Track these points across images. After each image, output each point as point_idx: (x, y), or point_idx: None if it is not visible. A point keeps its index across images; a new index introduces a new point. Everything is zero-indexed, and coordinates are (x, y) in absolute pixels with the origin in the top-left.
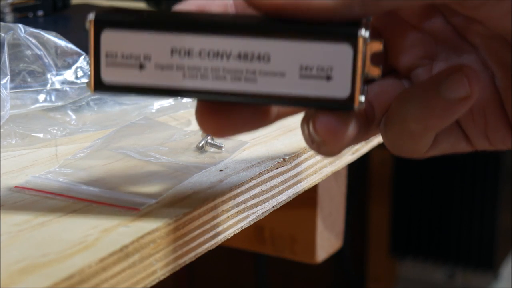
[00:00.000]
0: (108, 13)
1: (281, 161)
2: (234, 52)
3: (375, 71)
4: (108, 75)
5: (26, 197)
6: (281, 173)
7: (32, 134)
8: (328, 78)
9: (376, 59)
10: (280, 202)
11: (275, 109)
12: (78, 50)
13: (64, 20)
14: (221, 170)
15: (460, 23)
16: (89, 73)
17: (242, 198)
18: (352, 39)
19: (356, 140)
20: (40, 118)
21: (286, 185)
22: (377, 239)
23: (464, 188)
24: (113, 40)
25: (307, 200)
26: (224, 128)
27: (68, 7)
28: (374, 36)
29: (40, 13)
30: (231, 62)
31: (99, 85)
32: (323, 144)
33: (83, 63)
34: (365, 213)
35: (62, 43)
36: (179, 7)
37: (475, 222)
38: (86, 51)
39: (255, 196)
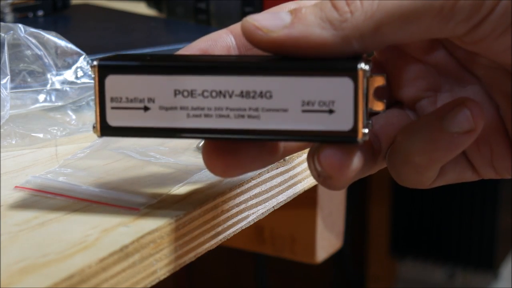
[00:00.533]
0: (112, 59)
1: (281, 161)
2: (236, 90)
3: (379, 106)
4: (114, 119)
5: (26, 197)
6: (281, 173)
7: (32, 134)
8: (331, 111)
9: (379, 93)
10: (280, 202)
11: (281, 145)
12: (78, 50)
13: (64, 20)
14: None
15: (462, 55)
16: (95, 113)
17: (242, 198)
18: (352, 72)
19: (363, 173)
20: (40, 118)
21: (286, 185)
22: (377, 239)
23: (464, 188)
24: (117, 84)
25: (307, 200)
26: (232, 168)
27: (68, 7)
28: (377, 70)
29: (40, 13)
30: (234, 100)
31: (105, 129)
32: (328, 178)
33: (83, 63)
34: (365, 213)
35: (62, 43)
36: (182, 51)
37: (475, 222)
38: (86, 51)
39: (255, 196)
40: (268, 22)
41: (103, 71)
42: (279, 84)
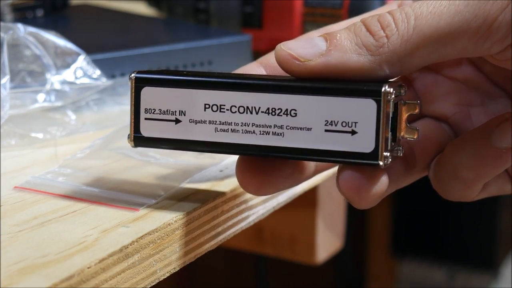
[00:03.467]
0: (149, 72)
1: None
2: (262, 107)
3: (411, 133)
4: (147, 130)
5: (26, 197)
6: None
7: (32, 134)
8: (353, 132)
9: (413, 119)
10: (281, 202)
11: (312, 165)
12: (78, 50)
13: (64, 20)
14: (221, 171)
15: (490, 70)
16: (129, 123)
17: (242, 198)
18: (376, 95)
19: (395, 186)
20: (39, 118)
21: None
22: (377, 239)
23: None
24: (152, 96)
25: (308, 200)
26: (266, 186)
27: (68, 7)
28: (411, 97)
29: (40, 13)
30: (260, 117)
31: (139, 139)
32: (348, 200)
33: (82, 63)
34: (365, 213)
35: (62, 43)
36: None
37: (475, 222)
38: (86, 51)
39: (255, 196)
40: (304, 50)
41: (139, 83)
42: (303, 102)
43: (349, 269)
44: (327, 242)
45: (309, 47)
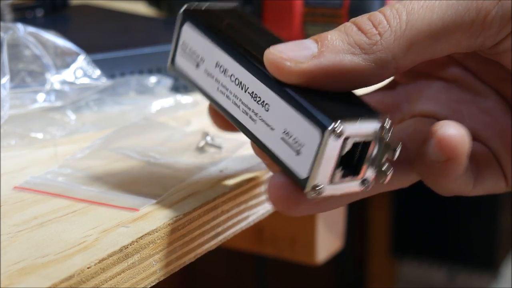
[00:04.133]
0: (197, 10)
1: None
2: (250, 89)
3: (380, 176)
4: (179, 61)
5: (26, 197)
6: None
7: (32, 135)
8: (298, 153)
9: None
10: None
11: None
12: (78, 50)
13: (64, 20)
14: (221, 171)
15: (477, 69)
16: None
17: (242, 198)
18: (323, 127)
19: (395, 186)
20: (39, 118)
21: None
22: (377, 239)
23: None
24: (189, 34)
25: None
26: (296, 207)
27: (68, 7)
28: (397, 90)
29: (40, 13)
30: (245, 96)
31: (172, 66)
32: (270, 202)
33: (82, 63)
34: (365, 213)
35: (62, 42)
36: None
37: (475, 222)
38: (86, 51)
39: (255, 196)
40: (295, 53)
41: (184, 18)
42: (276, 102)
43: (349, 269)
44: (327, 242)
45: (300, 50)
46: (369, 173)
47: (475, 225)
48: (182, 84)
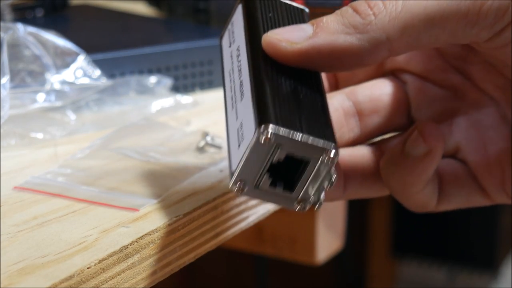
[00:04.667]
0: None
1: None
2: (242, 77)
3: (315, 203)
4: (224, 37)
5: (25, 197)
6: None
7: (32, 135)
8: (239, 145)
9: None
10: None
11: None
12: (78, 50)
13: (64, 20)
14: (221, 171)
15: (480, 77)
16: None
17: (242, 198)
18: (258, 125)
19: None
20: (39, 118)
21: None
22: (377, 239)
23: None
24: (237, 15)
25: None
26: None
27: (68, 7)
28: (398, 92)
29: (40, 13)
30: (237, 83)
31: (220, 40)
32: None
33: (82, 63)
34: (365, 213)
35: (62, 42)
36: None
37: (475, 222)
38: (86, 51)
39: None
40: (291, 34)
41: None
42: (247, 95)
43: (349, 269)
44: (327, 242)
45: (296, 31)
46: (307, 194)
47: (475, 225)
48: (182, 84)
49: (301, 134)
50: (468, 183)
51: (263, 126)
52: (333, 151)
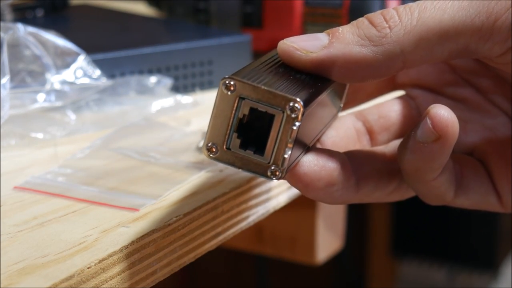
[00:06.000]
0: None
1: None
2: None
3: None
4: None
5: (25, 197)
6: None
7: (32, 135)
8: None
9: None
10: (280, 202)
11: None
12: (78, 50)
13: (64, 20)
14: (221, 171)
15: (490, 90)
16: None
17: (242, 198)
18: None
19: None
20: (39, 118)
21: (286, 185)
22: (377, 239)
23: None
24: None
25: (308, 200)
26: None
27: (68, 7)
28: (408, 107)
29: (40, 13)
30: None
31: None
32: None
33: (82, 63)
34: (365, 213)
35: (62, 42)
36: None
37: (475, 222)
38: (86, 51)
39: (255, 196)
40: (307, 43)
41: None
42: None
43: (349, 269)
44: (327, 242)
45: (311, 40)
46: (278, 157)
47: (475, 225)
48: (182, 84)
49: (263, 86)
50: (486, 182)
51: (228, 78)
52: (297, 100)
